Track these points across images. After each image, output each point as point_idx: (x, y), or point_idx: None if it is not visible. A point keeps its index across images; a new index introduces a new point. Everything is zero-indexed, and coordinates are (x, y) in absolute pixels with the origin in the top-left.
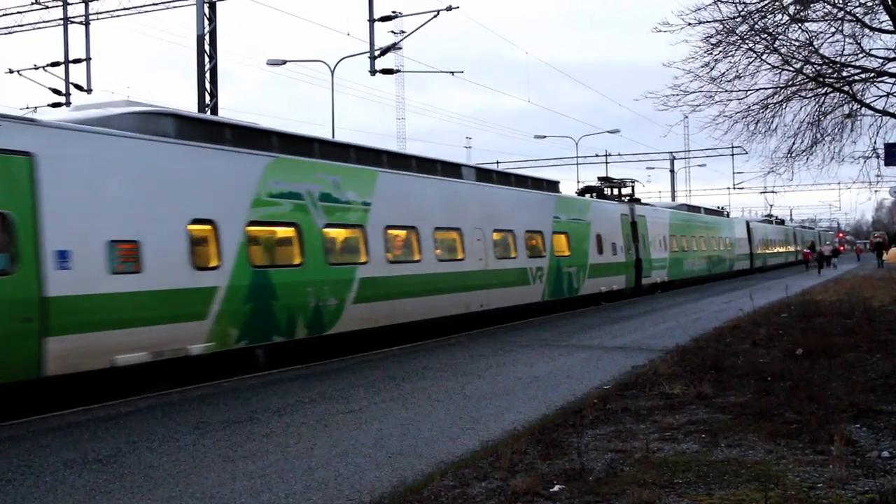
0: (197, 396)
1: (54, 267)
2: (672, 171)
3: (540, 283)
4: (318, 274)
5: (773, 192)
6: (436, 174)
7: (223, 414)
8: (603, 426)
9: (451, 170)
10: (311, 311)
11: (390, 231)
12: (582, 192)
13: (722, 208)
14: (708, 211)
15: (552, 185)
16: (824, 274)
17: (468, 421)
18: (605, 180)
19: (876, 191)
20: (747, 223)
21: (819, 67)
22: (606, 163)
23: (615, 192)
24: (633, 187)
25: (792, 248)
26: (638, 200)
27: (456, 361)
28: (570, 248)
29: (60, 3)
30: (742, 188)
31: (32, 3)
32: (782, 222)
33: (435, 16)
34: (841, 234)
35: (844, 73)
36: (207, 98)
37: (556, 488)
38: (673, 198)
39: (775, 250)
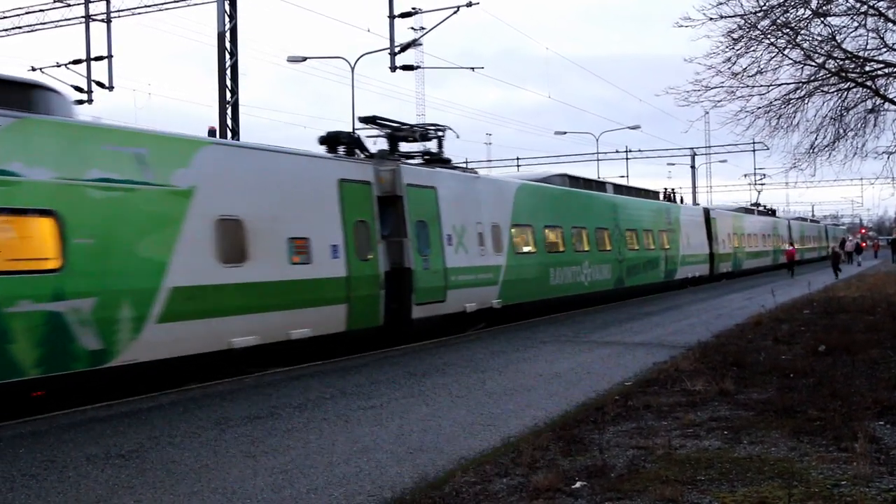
0: (218, 392)
1: None
2: (693, 166)
3: None
4: None
5: (763, 174)
6: None
7: (244, 410)
8: (625, 423)
9: None
10: None
11: None
12: (331, 148)
13: (673, 191)
14: (620, 189)
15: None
16: (845, 271)
17: (489, 417)
18: (372, 121)
19: None
20: (706, 211)
21: (841, 62)
22: (627, 159)
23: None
24: (440, 138)
25: (786, 247)
26: (447, 162)
27: (476, 358)
28: (65, 256)
29: (82, 1)
30: (763, 184)
31: (55, 1)
32: (773, 212)
33: (455, 12)
34: (863, 230)
35: (867, 68)
36: (228, 95)
37: (577, 485)
38: (693, 195)
39: (756, 249)
